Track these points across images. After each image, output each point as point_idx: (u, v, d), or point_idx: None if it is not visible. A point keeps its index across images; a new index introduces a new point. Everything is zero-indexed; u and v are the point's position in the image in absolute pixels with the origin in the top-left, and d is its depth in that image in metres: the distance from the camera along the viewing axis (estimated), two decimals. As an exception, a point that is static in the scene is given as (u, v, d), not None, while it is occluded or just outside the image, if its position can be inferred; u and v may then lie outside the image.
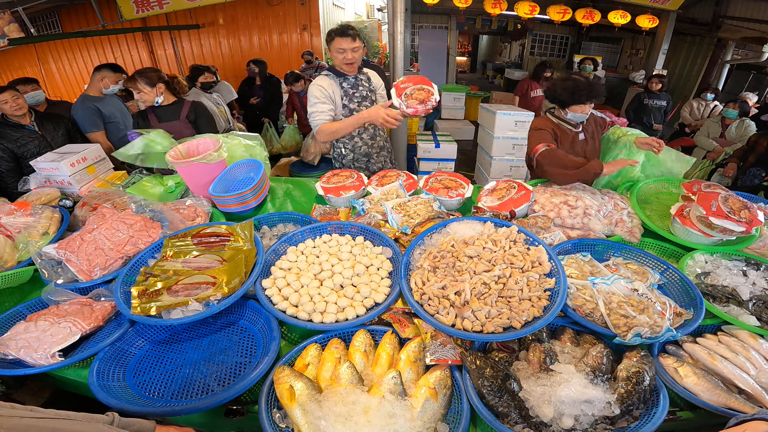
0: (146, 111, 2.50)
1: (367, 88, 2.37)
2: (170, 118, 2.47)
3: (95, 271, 1.39)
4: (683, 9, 6.29)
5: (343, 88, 2.28)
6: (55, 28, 6.89)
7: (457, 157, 4.55)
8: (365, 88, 2.36)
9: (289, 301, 1.27)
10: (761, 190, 3.46)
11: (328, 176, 2.12)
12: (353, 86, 2.31)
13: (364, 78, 2.37)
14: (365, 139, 2.48)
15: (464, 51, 16.12)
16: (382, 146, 2.56)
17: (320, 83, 2.23)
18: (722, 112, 4.48)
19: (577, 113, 2.02)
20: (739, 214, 1.53)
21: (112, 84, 3.02)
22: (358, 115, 2.09)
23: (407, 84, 1.94)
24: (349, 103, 2.32)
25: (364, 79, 2.37)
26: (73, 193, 2.05)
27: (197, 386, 1.13)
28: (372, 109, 2.01)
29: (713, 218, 1.50)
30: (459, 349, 1.12)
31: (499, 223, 1.47)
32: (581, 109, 2.00)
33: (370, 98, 2.39)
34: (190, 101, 2.60)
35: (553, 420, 0.96)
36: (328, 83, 2.25)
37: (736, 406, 1.01)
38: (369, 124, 2.38)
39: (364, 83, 2.36)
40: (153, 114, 2.48)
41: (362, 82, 2.35)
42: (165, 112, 2.50)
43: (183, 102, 2.56)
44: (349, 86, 2.30)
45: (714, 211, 1.52)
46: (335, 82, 2.27)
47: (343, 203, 1.94)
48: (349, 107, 2.33)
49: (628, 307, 1.17)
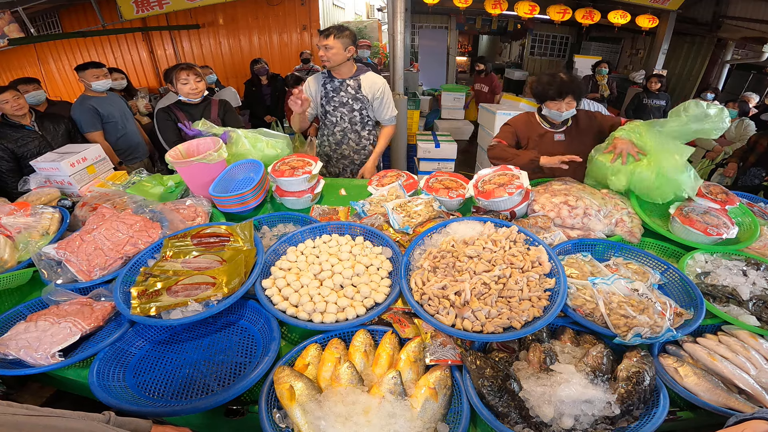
0: (171, 108, 2.38)
1: (351, 95, 2.40)
2: (201, 117, 2.32)
3: (95, 271, 1.39)
4: (683, 9, 6.29)
5: (325, 89, 2.40)
6: (55, 28, 6.89)
7: (457, 157, 4.55)
8: (348, 95, 2.39)
9: (289, 301, 1.27)
10: (761, 190, 3.46)
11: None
12: (335, 90, 2.40)
13: (353, 84, 2.37)
14: (330, 142, 2.59)
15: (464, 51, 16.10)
16: (346, 155, 2.60)
17: (309, 79, 2.46)
18: (722, 111, 4.47)
19: (552, 110, 2.03)
20: (717, 196, 1.72)
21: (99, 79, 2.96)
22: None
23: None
24: (326, 104, 2.44)
25: (352, 86, 2.37)
26: (73, 193, 2.05)
27: (197, 386, 1.13)
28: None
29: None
30: (459, 349, 1.12)
31: (499, 223, 1.47)
32: (556, 106, 2.01)
33: (350, 105, 2.42)
34: (217, 99, 2.53)
35: (553, 420, 0.96)
36: (313, 81, 2.44)
37: (736, 406, 1.01)
38: (338, 129, 2.51)
39: (350, 90, 2.38)
40: (181, 112, 2.37)
41: (347, 88, 2.37)
42: (194, 110, 2.40)
43: (209, 100, 2.47)
44: (331, 89, 2.40)
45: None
46: (319, 82, 2.40)
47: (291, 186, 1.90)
48: (325, 108, 2.44)
49: (629, 307, 1.17)
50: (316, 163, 1.96)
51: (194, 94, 2.35)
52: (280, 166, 1.94)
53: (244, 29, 7.42)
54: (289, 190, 1.91)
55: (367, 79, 2.39)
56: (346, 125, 2.49)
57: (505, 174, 1.77)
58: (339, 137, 2.54)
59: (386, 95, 2.46)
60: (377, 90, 2.40)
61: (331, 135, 2.55)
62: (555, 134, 2.14)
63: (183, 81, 2.31)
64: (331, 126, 2.53)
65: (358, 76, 2.38)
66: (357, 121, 2.49)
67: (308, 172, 1.87)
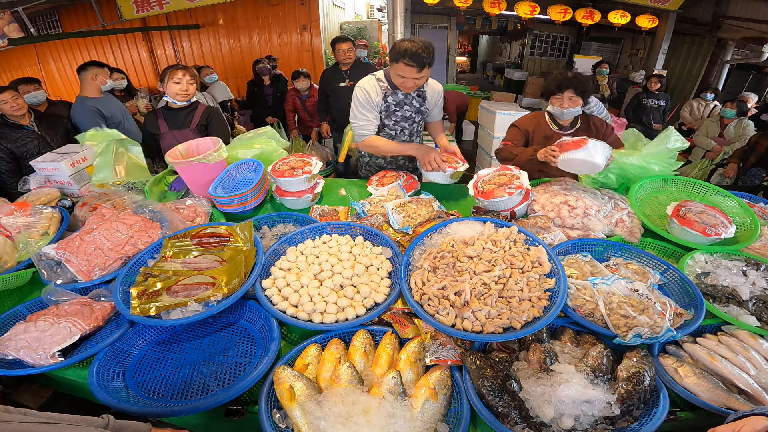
0: (156, 112, 2.33)
1: (416, 109, 2.14)
2: (181, 125, 2.30)
3: (95, 271, 1.39)
4: (683, 9, 6.30)
5: (386, 102, 2.09)
6: (55, 28, 6.88)
7: (457, 157, 4.54)
8: (413, 109, 2.13)
9: (289, 302, 1.27)
10: (761, 190, 3.46)
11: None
12: (398, 104, 2.10)
13: (419, 99, 2.12)
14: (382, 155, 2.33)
15: (464, 51, 16.11)
16: (401, 165, 2.40)
17: (366, 87, 2.03)
18: (721, 111, 4.48)
19: (555, 107, 2.04)
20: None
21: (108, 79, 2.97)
22: (407, 147, 2.02)
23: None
24: (385, 119, 2.14)
25: (417, 100, 2.12)
26: (73, 193, 2.05)
27: (197, 386, 1.13)
28: (425, 149, 1.94)
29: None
30: (459, 349, 1.12)
31: (499, 224, 1.47)
32: (558, 102, 2.02)
33: (413, 119, 2.17)
34: (205, 105, 2.41)
35: (553, 420, 0.96)
36: (372, 89, 2.03)
37: (736, 406, 1.01)
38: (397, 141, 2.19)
39: (414, 104, 2.13)
40: (162, 118, 2.31)
41: (412, 101, 2.12)
42: (177, 116, 2.31)
43: (196, 106, 2.36)
44: (393, 102, 2.09)
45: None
46: (380, 93, 2.05)
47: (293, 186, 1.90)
48: (384, 122, 2.15)
49: (628, 308, 1.17)
50: (316, 164, 1.96)
51: (182, 96, 2.25)
52: (280, 166, 1.94)
53: (244, 29, 7.41)
54: (288, 190, 1.91)
55: (429, 88, 2.16)
56: (406, 138, 2.26)
57: (505, 174, 1.77)
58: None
59: (441, 99, 2.27)
60: (438, 97, 2.22)
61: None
62: (563, 136, 2.08)
63: (176, 80, 2.22)
64: (388, 138, 2.23)
65: (422, 88, 2.11)
66: (415, 132, 2.29)
67: (308, 172, 1.87)
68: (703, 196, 1.86)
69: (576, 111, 2.03)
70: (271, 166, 1.96)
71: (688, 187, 1.90)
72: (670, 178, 1.93)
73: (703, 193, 1.87)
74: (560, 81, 1.98)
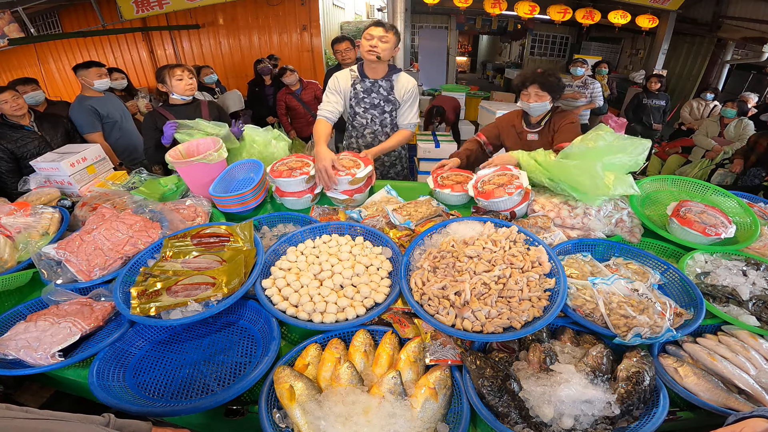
0: (158, 112, 2.36)
1: (383, 96, 2.24)
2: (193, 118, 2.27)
3: (95, 271, 1.39)
4: (683, 9, 6.30)
5: (354, 89, 2.24)
6: (55, 28, 6.89)
7: (457, 157, 4.54)
8: (380, 96, 2.23)
9: (289, 302, 1.27)
10: (761, 190, 3.46)
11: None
12: (366, 90, 2.23)
13: (386, 86, 2.22)
14: (360, 145, 2.46)
15: (464, 51, 16.11)
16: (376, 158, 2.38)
17: (337, 75, 2.25)
18: (721, 111, 4.49)
19: (522, 102, 2.09)
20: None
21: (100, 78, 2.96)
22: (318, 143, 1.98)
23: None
24: (355, 106, 2.27)
25: (385, 87, 2.22)
26: (73, 193, 2.05)
27: (197, 386, 1.13)
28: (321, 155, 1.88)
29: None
30: (459, 349, 1.12)
31: (499, 224, 1.47)
32: (525, 98, 2.06)
33: (382, 108, 2.26)
34: (206, 101, 2.51)
35: (553, 420, 0.96)
36: (342, 78, 2.24)
37: (736, 406, 1.01)
38: (368, 131, 2.38)
39: (382, 91, 2.23)
40: (171, 114, 2.32)
41: (380, 89, 2.22)
42: (184, 112, 2.36)
43: (198, 101, 2.46)
44: (362, 89, 2.23)
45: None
46: (348, 81, 2.23)
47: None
48: (354, 109, 2.28)
49: (628, 308, 1.17)
50: (315, 164, 1.95)
51: (190, 90, 2.37)
52: (279, 167, 1.94)
53: (244, 29, 7.41)
54: (287, 190, 1.91)
55: (399, 81, 2.25)
56: (377, 128, 2.34)
57: (504, 174, 1.77)
58: (369, 140, 2.41)
59: (414, 99, 2.30)
60: (407, 92, 2.27)
61: (360, 137, 2.42)
62: (529, 133, 2.18)
63: (178, 78, 2.29)
64: (360, 128, 2.38)
65: (390, 77, 2.23)
66: (387, 123, 2.34)
67: (306, 173, 1.87)
68: (703, 196, 1.86)
69: (543, 107, 2.06)
70: (270, 167, 1.96)
71: (688, 187, 1.90)
72: (670, 178, 1.93)
73: (703, 193, 1.86)
74: (526, 77, 2.03)
